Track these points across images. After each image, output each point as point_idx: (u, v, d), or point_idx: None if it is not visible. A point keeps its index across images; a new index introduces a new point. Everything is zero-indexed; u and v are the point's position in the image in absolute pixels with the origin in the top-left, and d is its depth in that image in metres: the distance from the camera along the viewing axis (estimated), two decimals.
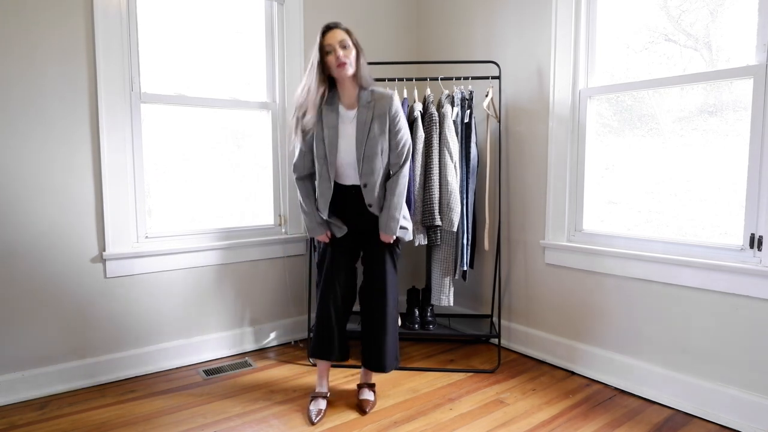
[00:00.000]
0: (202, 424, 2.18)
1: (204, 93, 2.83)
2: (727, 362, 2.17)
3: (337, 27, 2.10)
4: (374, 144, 2.14)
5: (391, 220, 2.21)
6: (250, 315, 3.03)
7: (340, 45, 2.07)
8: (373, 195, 2.19)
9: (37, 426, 2.15)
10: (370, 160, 2.15)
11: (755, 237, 2.10)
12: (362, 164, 2.15)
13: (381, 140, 2.15)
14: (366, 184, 2.18)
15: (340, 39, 2.07)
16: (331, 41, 2.07)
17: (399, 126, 2.19)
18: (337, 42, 2.07)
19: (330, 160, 2.16)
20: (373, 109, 2.14)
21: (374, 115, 2.14)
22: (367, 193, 2.19)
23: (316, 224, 2.27)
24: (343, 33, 2.10)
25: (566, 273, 2.75)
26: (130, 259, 2.59)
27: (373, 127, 2.13)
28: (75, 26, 2.39)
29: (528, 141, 2.91)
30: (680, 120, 2.35)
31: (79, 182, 2.45)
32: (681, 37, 2.35)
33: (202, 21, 2.82)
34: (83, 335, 2.51)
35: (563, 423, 2.20)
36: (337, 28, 2.10)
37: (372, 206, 2.21)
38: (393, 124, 2.17)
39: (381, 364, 2.31)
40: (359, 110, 2.15)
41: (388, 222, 2.21)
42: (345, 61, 2.07)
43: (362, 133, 2.13)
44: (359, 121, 2.14)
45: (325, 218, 2.26)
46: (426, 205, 2.71)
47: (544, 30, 2.78)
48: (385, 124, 2.16)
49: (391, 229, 2.22)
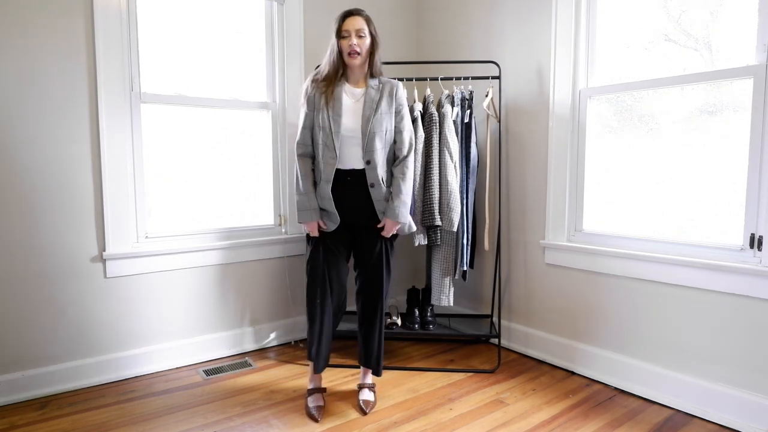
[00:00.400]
0: (202, 424, 2.18)
1: (204, 93, 2.83)
2: (727, 362, 2.17)
3: (359, 14, 2.14)
4: (381, 120, 2.15)
5: (402, 206, 2.17)
6: (250, 315, 3.03)
7: (356, 34, 2.11)
8: (375, 174, 2.15)
9: (37, 426, 2.15)
10: (375, 137, 2.14)
11: (755, 237, 2.10)
12: (367, 139, 2.13)
13: (387, 118, 2.17)
14: (369, 161, 2.15)
15: (357, 28, 2.11)
16: (348, 27, 2.11)
17: (403, 113, 2.23)
18: (354, 30, 2.10)
19: (335, 130, 2.14)
20: (381, 91, 2.19)
21: (383, 95, 2.18)
22: (370, 171, 2.15)
23: (309, 208, 2.17)
24: (362, 21, 2.13)
25: (566, 273, 2.75)
26: (130, 259, 2.59)
27: (381, 104, 2.16)
28: (75, 26, 2.39)
29: (528, 141, 2.91)
30: (680, 120, 2.35)
31: (79, 182, 2.45)
32: (681, 37, 2.35)
33: (202, 21, 2.82)
34: (83, 335, 2.51)
35: (563, 423, 2.20)
36: (358, 15, 2.13)
37: (374, 187, 2.16)
38: (399, 106, 2.21)
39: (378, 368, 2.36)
40: (368, 90, 2.19)
41: (398, 207, 2.16)
42: (357, 50, 2.11)
43: (370, 108, 2.15)
44: (367, 98, 2.17)
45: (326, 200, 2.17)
46: (426, 205, 2.71)
47: (544, 30, 2.78)
48: (392, 105, 2.19)
49: (401, 215, 2.17)
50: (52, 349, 2.44)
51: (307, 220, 2.20)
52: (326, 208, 2.19)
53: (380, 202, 2.20)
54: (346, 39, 2.11)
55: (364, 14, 2.14)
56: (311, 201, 2.19)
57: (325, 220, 2.22)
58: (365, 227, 2.25)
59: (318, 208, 2.20)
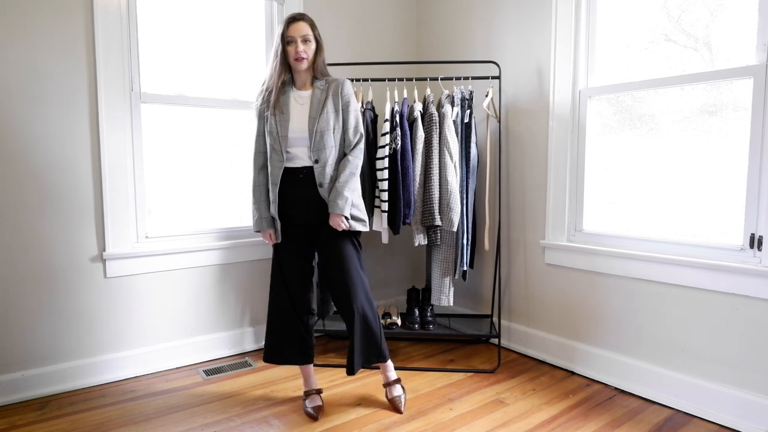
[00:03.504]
0: (202, 424, 2.18)
1: (204, 93, 2.83)
2: (727, 362, 2.17)
3: (303, 19, 2.15)
4: (327, 120, 2.16)
5: (339, 197, 2.13)
6: (250, 315, 3.03)
7: (302, 39, 2.12)
8: (323, 174, 2.15)
9: (37, 426, 2.15)
10: (323, 136, 2.15)
11: (755, 237, 2.10)
12: (314, 138, 2.15)
13: (334, 117, 2.18)
14: (318, 159, 2.15)
15: (303, 33, 2.12)
16: (293, 33, 2.12)
17: (350, 108, 2.21)
18: (300, 36, 2.12)
19: (282, 133, 2.16)
20: (327, 90, 2.20)
21: (328, 94, 2.19)
22: (318, 171, 2.15)
23: (261, 218, 2.22)
24: (307, 27, 2.14)
25: (566, 273, 2.75)
26: (130, 259, 2.59)
27: (326, 104, 2.17)
28: (75, 26, 2.39)
29: (528, 141, 2.91)
30: (680, 120, 2.35)
31: (79, 182, 2.45)
32: (681, 37, 2.35)
33: (202, 21, 2.82)
34: (83, 335, 2.51)
35: (563, 423, 2.20)
36: (302, 20, 2.14)
37: (323, 186, 2.15)
38: (345, 103, 2.20)
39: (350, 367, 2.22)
40: (314, 91, 2.20)
41: (335, 198, 2.13)
42: (303, 56, 2.13)
43: (316, 109, 2.17)
44: (313, 99, 2.18)
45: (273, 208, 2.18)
46: (426, 205, 2.71)
47: (544, 30, 2.78)
48: (338, 103, 2.19)
49: (338, 206, 2.12)
50: (52, 349, 2.44)
51: (260, 228, 2.25)
52: (274, 213, 2.20)
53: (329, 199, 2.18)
54: (292, 45, 2.13)
55: (308, 19, 2.16)
56: (263, 210, 2.23)
57: (277, 232, 2.22)
58: (318, 225, 2.22)
59: (269, 217, 2.23)
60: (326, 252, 2.23)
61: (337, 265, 2.20)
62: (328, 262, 2.23)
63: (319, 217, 2.20)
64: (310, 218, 2.21)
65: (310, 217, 2.21)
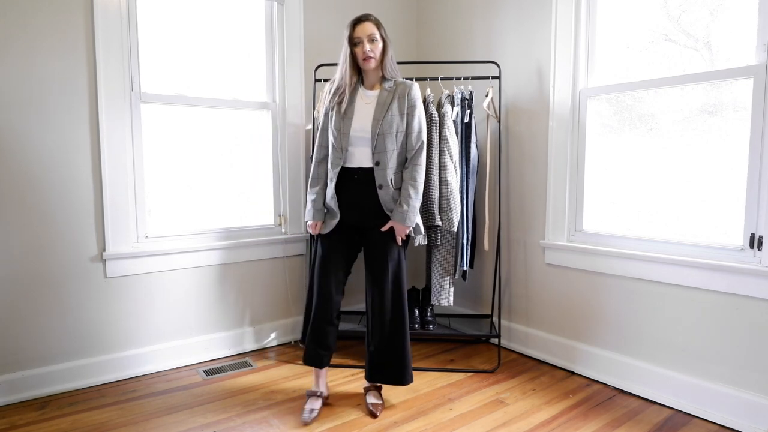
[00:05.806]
0: (202, 424, 2.18)
1: (204, 93, 2.83)
2: (727, 362, 2.17)
3: (368, 20, 2.16)
4: (391, 122, 2.17)
5: (411, 211, 2.18)
6: (250, 315, 3.03)
7: (368, 39, 2.13)
8: (384, 176, 2.17)
9: (37, 426, 2.15)
10: (385, 138, 2.16)
11: (755, 237, 2.10)
12: (377, 140, 2.16)
13: (398, 120, 2.18)
14: (378, 162, 2.17)
15: (369, 33, 2.14)
16: (359, 34, 2.14)
17: (415, 113, 2.22)
18: (366, 35, 2.13)
19: (343, 131, 2.18)
20: (393, 92, 2.21)
21: (394, 96, 2.20)
22: (379, 173, 2.17)
23: (314, 208, 2.26)
24: (373, 26, 2.16)
25: (566, 273, 2.75)
26: (130, 259, 2.59)
27: (392, 106, 2.18)
28: (75, 26, 2.39)
29: (528, 141, 2.91)
30: (680, 120, 2.35)
31: (79, 182, 2.45)
32: (681, 37, 2.35)
33: (202, 21, 2.82)
34: (83, 335, 2.51)
35: (563, 423, 2.20)
36: (367, 20, 2.16)
37: (382, 188, 2.17)
38: (411, 106, 2.21)
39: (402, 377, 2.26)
40: (381, 92, 2.21)
41: (407, 212, 2.17)
42: (371, 55, 2.14)
43: (381, 111, 2.18)
44: (379, 100, 2.19)
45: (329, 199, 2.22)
46: (426, 205, 2.71)
47: (544, 30, 2.78)
48: (404, 106, 2.20)
49: (408, 219, 2.18)
50: (52, 349, 2.44)
51: (311, 219, 2.28)
52: (330, 206, 2.25)
53: (389, 203, 2.21)
54: (359, 45, 2.14)
55: (373, 18, 2.17)
56: (317, 201, 2.27)
57: (327, 219, 2.26)
58: (372, 228, 2.24)
59: (321, 209, 2.27)
60: (375, 255, 2.25)
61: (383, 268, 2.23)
62: (374, 264, 2.26)
63: (375, 220, 2.22)
64: (364, 220, 2.24)
65: (364, 220, 2.23)
